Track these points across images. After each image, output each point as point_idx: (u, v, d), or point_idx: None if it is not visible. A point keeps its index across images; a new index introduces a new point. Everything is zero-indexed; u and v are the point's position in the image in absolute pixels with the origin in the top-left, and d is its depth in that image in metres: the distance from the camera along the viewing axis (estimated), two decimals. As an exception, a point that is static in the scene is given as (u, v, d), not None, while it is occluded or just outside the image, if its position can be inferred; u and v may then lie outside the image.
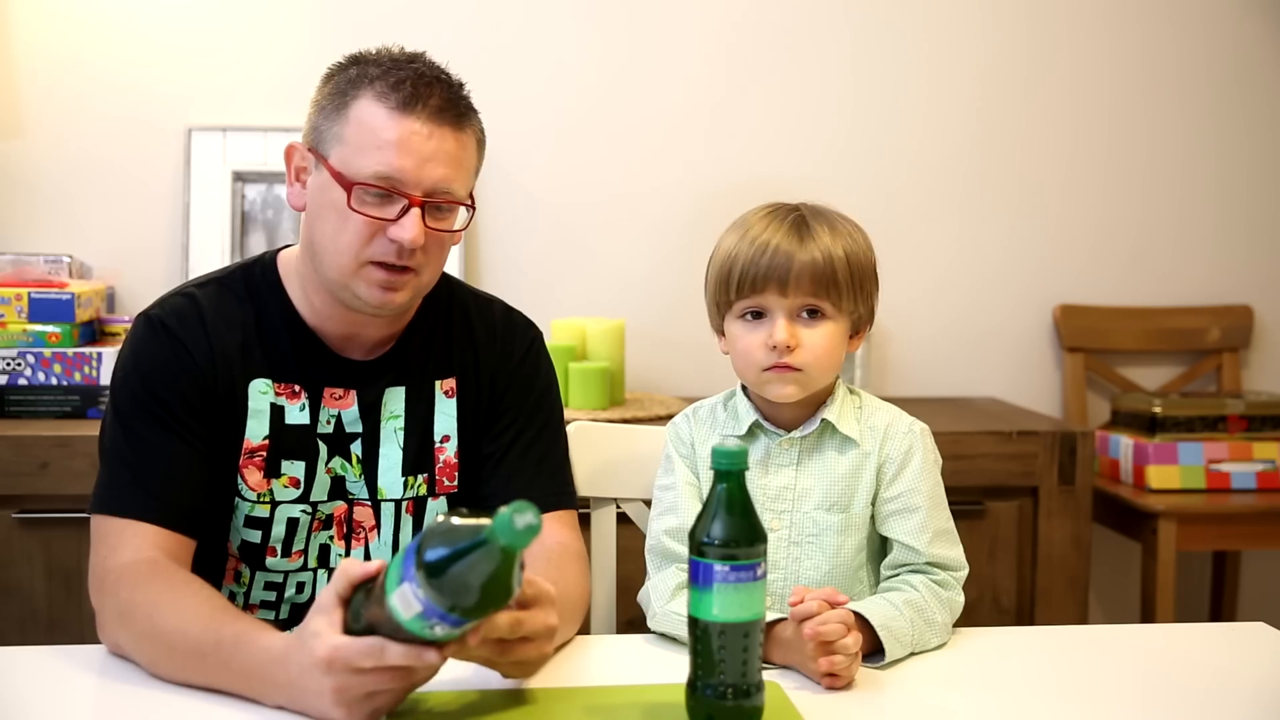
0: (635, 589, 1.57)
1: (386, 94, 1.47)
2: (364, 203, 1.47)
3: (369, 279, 1.49)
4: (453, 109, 1.50)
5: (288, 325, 1.57)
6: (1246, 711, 1.30)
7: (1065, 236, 3.03)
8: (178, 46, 2.79)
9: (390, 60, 1.51)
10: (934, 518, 1.51)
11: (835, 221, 1.52)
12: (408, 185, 1.46)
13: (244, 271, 1.60)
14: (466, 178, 1.53)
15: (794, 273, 1.46)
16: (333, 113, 1.50)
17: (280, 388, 1.55)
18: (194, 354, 1.52)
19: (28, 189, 2.78)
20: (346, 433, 1.57)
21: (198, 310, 1.54)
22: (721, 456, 1.19)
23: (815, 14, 2.93)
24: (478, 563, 1.11)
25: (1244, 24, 3.04)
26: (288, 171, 1.56)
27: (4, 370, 2.46)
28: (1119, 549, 2.95)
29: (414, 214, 1.46)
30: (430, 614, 1.12)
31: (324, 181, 1.49)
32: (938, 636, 1.46)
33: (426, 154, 1.47)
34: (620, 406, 2.63)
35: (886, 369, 2.99)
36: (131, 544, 1.44)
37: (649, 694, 1.26)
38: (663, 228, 2.90)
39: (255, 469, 1.54)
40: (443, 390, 1.62)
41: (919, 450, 1.53)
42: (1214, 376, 3.07)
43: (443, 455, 1.61)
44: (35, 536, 2.31)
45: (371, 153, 1.46)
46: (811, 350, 1.48)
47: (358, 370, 1.58)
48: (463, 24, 2.85)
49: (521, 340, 1.68)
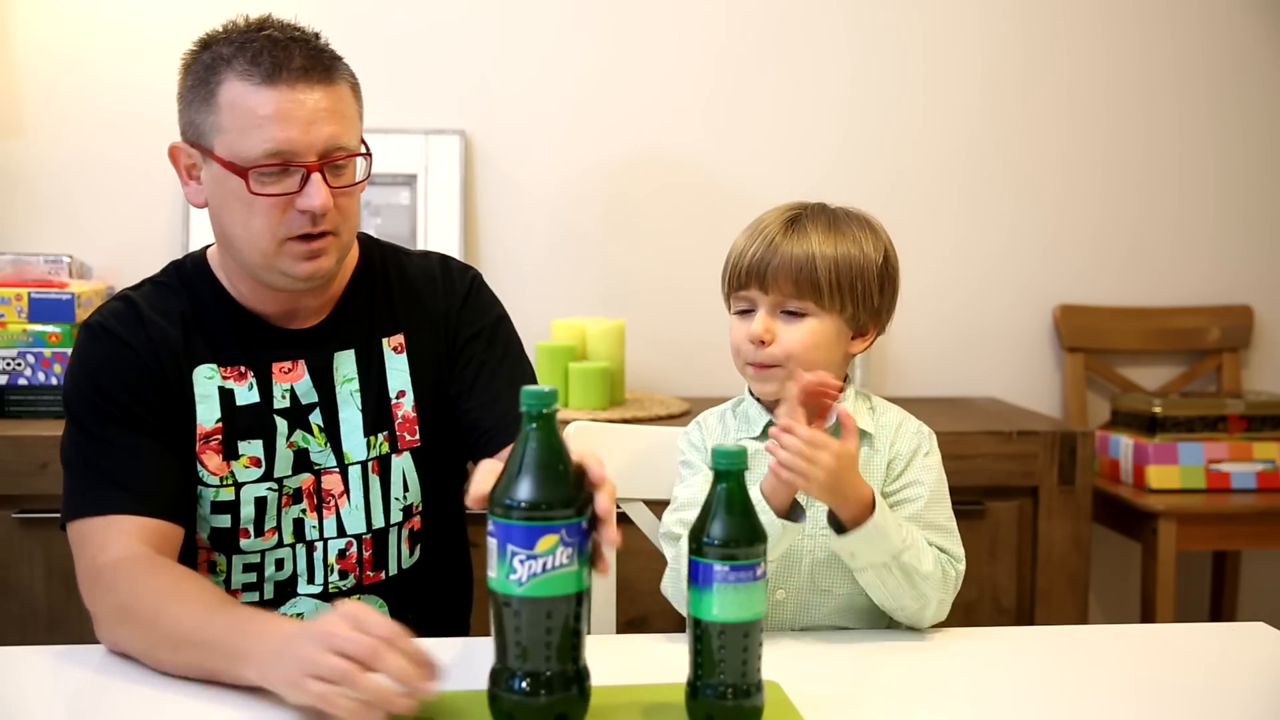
0: (635, 589, 1.58)
1: (249, 70, 1.46)
2: (263, 183, 1.47)
3: (291, 254, 1.50)
4: (318, 65, 1.49)
5: (224, 310, 1.58)
6: (1246, 711, 1.30)
7: (1065, 236, 3.03)
8: (178, 46, 2.76)
9: (240, 34, 1.50)
10: (932, 509, 1.51)
11: (840, 223, 1.52)
12: (300, 154, 1.46)
13: (175, 268, 1.63)
14: (352, 127, 1.52)
15: (772, 269, 1.48)
16: (201, 104, 1.50)
17: (226, 371, 1.57)
18: (137, 350, 1.54)
19: (28, 189, 2.77)
20: (303, 404, 1.59)
21: (134, 309, 1.57)
22: (721, 456, 1.19)
23: (815, 13, 2.93)
24: (525, 453, 1.12)
25: (1243, 24, 3.03)
26: (178, 173, 1.57)
27: (4, 370, 2.46)
28: (1119, 549, 2.95)
29: (315, 180, 1.47)
30: (509, 538, 1.12)
31: (217, 173, 1.50)
32: (923, 579, 1.44)
33: (307, 117, 1.46)
34: (620, 406, 2.63)
35: (886, 369, 2.98)
36: (118, 540, 1.44)
37: (649, 694, 1.26)
38: (663, 228, 2.90)
39: (213, 453, 1.55)
40: (391, 347, 1.63)
41: (925, 449, 1.54)
42: (1214, 376, 3.07)
43: (400, 411, 1.62)
44: (35, 536, 2.31)
45: (253, 133, 1.46)
46: (787, 346, 1.48)
47: (301, 339, 1.60)
48: (461, 21, 2.85)
49: (461, 281, 1.69)
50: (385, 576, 1.63)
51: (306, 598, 1.60)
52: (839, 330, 1.51)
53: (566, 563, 1.14)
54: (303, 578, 1.60)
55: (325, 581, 1.60)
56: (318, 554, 1.60)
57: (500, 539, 1.13)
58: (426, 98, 2.84)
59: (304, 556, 1.59)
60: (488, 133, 2.86)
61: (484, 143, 2.86)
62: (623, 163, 2.91)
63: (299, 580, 1.60)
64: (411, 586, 1.65)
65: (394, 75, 2.81)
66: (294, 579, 1.60)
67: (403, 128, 2.78)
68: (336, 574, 1.60)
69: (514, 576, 1.13)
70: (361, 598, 1.62)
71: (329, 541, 1.60)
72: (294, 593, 1.60)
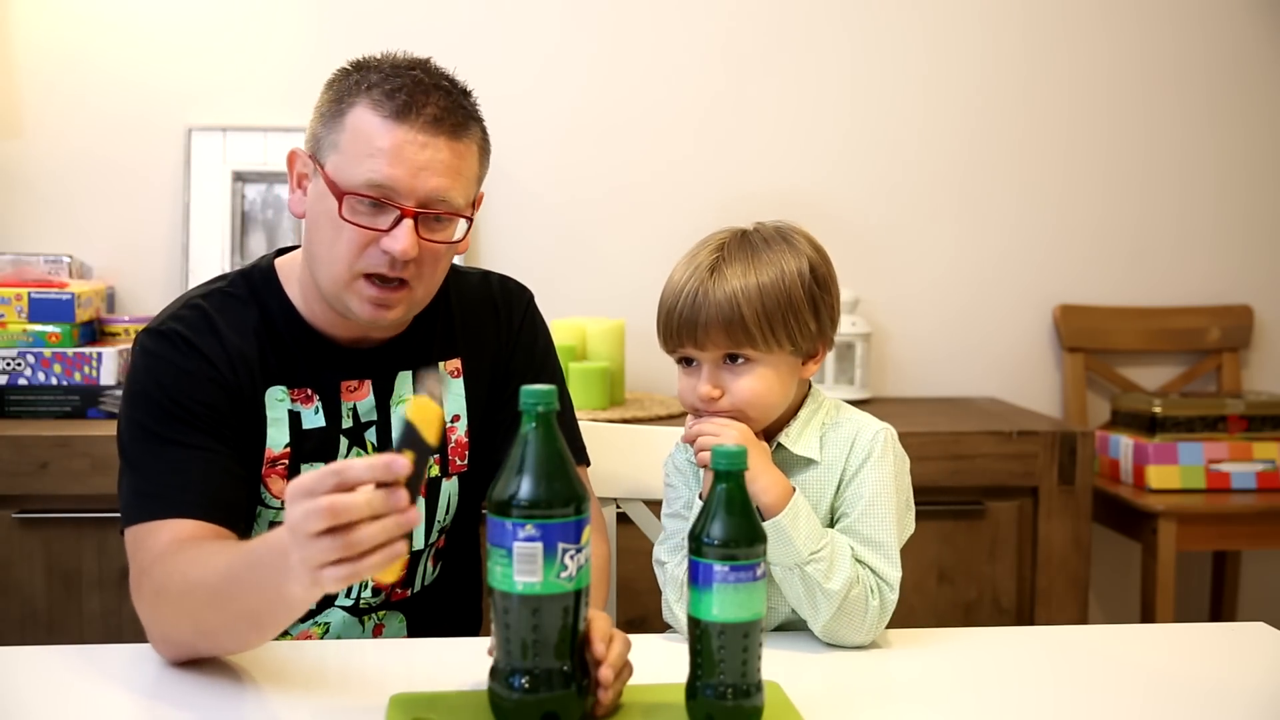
0: (635, 589, 1.58)
1: (382, 101, 1.45)
2: (356, 212, 1.45)
3: (361, 294, 1.48)
4: (450, 117, 1.47)
5: (292, 328, 1.56)
6: (1246, 712, 1.30)
7: (1065, 236, 3.03)
8: (178, 46, 2.79)
9: (390, 67, 1.48)
10: (866, 522, 1.46)
11: (758, 251, 1.46)
12: (400, 195, 1.44)
13: (243, 278, 1.59)
14: (465, 188, 1.49)
15: (702, 326, 1.44)
16: (331, 120, 1.48)
17: (295, 393, 1.54)
18: (214, 362, 1.50)
19: (28, 189, 2.77)
20: (362, 422, 1.57)
21: (208, 319, 1.53)
22: (721, 457, 1.19)
23: (816, 14, 2.93)
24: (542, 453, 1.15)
25: (1243, 24, 3.03)
26: (290, 177, 1.55)
27: (4, 370, 2.46)
28: (1119, 549, 2.95)
29: (406, 225, 1.44)
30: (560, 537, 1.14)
31: (321, 189, 1.48)
32: (825, 596, 1.41)
33: (420, 163, 1.44)
34: (620, 406, 2.63)
35: (886, 369, 2.99)
36: (164, 540, 1.40)
37: (649, 694, 1.26)
38: (663, 227, 2.90)
39: (278, 477, 1.53)
40: (448, 370, 1.62)
41: (875, 455, 1.48)
42: (1214, 376, 3.07)
43: (454, 435, 1.61)
44: (35, 536, 2.31)
45: (364, 161, 1.44)
46: (737, 398, 1.45)
47: (367, 359, 1.58)
48: (463, 21, 2.85)
49: (519, 306, 1.69)
50: (410, 594, 1.63)
51: (338, 609, 1.60)
52: (788, 365, 1.47)
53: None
54: (340, 592, 1.58)
55: (358, 597, 1.60)
56: None
57: (547, 539, 1.13)
58: (426, 98, 2.84)
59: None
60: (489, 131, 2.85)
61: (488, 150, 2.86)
62: (623, 162, 2.91)
63: (336, 594, 1.59)
64: (430, 602, 1.65)
65: (394, 75, 2.81)
66: (331, 594, 1.58)
67: (403, 128, 2.78)
68: (370, 590, 1.60)
69: (565, 574, 1.14)
70: (386, 614, 1.61)
71: None
72: (330, 603, 1.59)
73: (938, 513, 2.48)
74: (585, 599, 1.17)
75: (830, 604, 1.41)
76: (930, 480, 2.45)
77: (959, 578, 2.51)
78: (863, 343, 2.84)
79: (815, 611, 1.42)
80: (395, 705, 1.22)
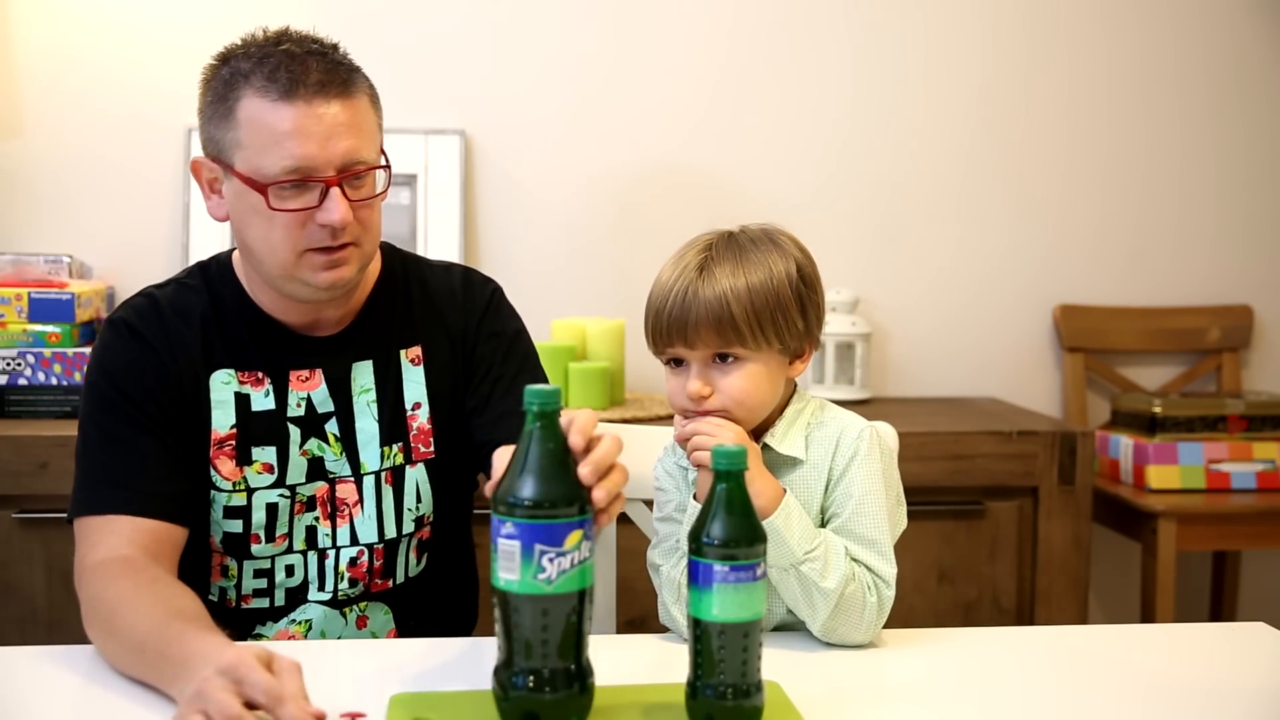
0: (635, 589, 1.58)
1: (266, 87, 1.46)
2: (282, 199, 1.48)
3: (311, 264, 1.50)
4: (335, 78, 1.49)
5: (245, 314, 1.59)
6: (1246, 712, 1.30)
7: (1065, 236, 3.03)
8: (178, 46, 2.78)
9: (258, 49, 1.50)
10: (858, 520, 1.46)
11: (746, 252, 1.46)
12: (318, 169, 1.47)
13: (200, 268, 1.63)
14: (371, 139, 1.52)
15: (691, 325, 1.44)
16: (221, 119, 1.50)
17: (244, 376, 1.57)
18: (157, 350, 1.54)
19: (28, 189, 2.77)
20: (319, 413, 1.59)
21: (156, 308, 1.57)
22: (722, 456, 1.19)
23: (815, 14, 2.93)
24: (529, 453, 1.13)
25: (1243, 24, 3.03)
26: (200, 187, 1.57)
27: (4, 370, 2.46)
28: (1119, 549, 2.95)
29: (334, 194, 1.47)
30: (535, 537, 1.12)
31: (238, 188, 1.50)
32: (822, 595, 1.41)
33: (324, 132, 1.46)
34: (620, 406, 2.63)
35: (886, 369, 2.99)
36: (107, 541, 1.45)
37: (649, 694, 1.26)
38: (664, 227, 2.89)
39: (226, 458, 1.56)
40: (408, 359, 1.63)
41: (862, 454, 1.48)
42: (1214, 376, 3.07)
43: (415, 423, 1.62)
44: (35, 536, 2.31)
45: (272, 149, 1.46)
46: (726, 396, 1.45)
47: (320, 347, 1.60)
48: (460, 19, 2.85)
49: (481, 295, 1.69)
50: (392, 585, 1.63)
51: (316, 604, 1.60)
52: (776, 363, 1.47)
53: (588, 555, 1.16)
54: (314, 584, 1.60)
55: (335, 589, 1.60)
56: (329, 561, 1.60)
57: (525, 539, 1.12)
58: (426, 98, 2.84)
59: (315, 564, 1.60)
60: (488, 133, 2.86)
61: (484, 143, 2.86)
62: (623, 162, 2.91)
63: (310, 587, 1.60)
64: (417, 594, 1.65)
65: (394, 75, 2.79)
66: (305, 586, 1.60)
67: (403, 128, 2.78)
68: (346, 581, 1.60)
69: (543, 575, 1.13)
70: (369, 605, 1.62)
71: (341, 549, 1.60)
72: (304, 599, 1.60)
73: (938, 513, 2.48)
74: (575, 604, 1.14)
75: (827, 603, 1.41)
76: (930, 480, 2.45)
77: (959, 578, 2.51)
78: (863, 343, 2.84)
79: (813, 611, 1.42)
80: (395, 705, 1.22)
